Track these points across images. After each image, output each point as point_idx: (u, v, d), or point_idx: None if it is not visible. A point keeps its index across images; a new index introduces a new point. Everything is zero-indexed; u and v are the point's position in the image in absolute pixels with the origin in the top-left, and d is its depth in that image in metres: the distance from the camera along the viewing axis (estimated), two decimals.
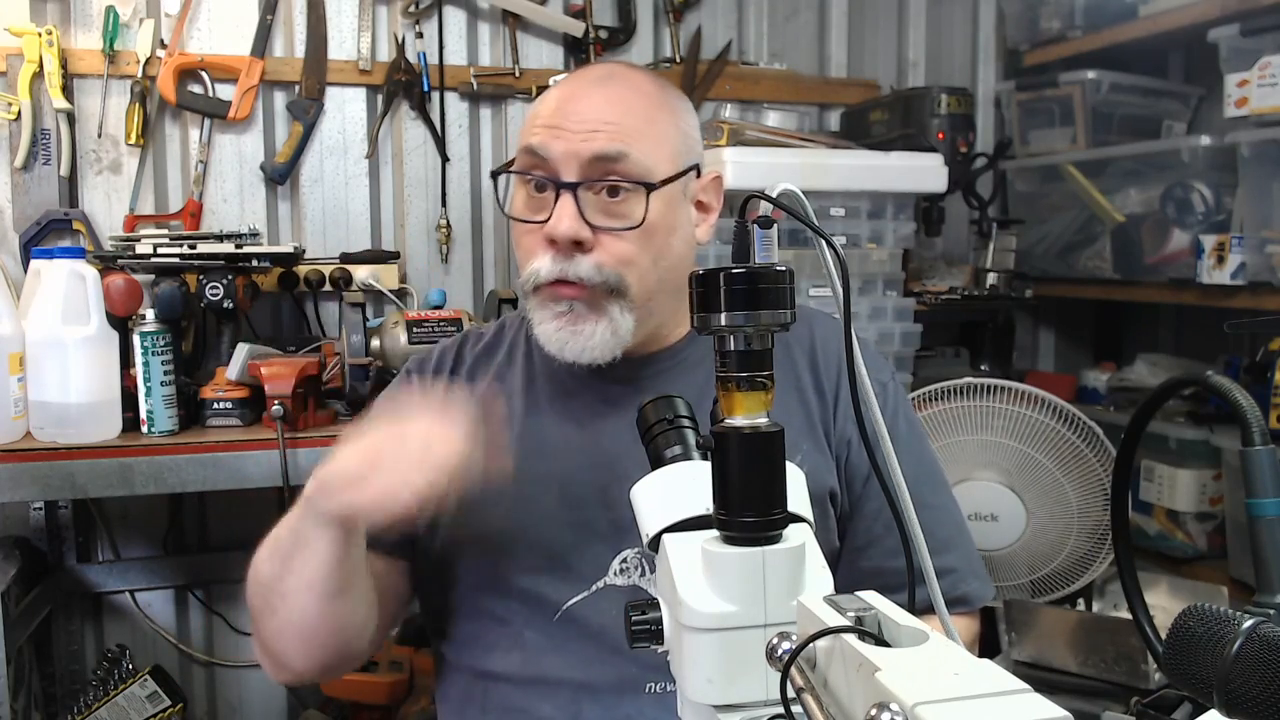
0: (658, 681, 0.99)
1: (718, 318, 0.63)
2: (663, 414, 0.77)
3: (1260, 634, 0.57)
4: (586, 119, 0.99)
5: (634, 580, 1.01)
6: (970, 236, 2.42)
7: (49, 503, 2.02)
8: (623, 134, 0.99)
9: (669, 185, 1.00)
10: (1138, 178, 2.17)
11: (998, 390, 1.80)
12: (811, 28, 2.48)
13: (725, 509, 0.63)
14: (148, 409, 1.64)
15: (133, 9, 2.02)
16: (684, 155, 1.04)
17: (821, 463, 1.05)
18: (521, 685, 1.02)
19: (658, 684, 0.99)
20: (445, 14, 2.20)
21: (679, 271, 1.02)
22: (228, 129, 2.10)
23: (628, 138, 0.98)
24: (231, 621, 2.20)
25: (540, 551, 1.03)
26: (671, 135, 1.03)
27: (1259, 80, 1.78)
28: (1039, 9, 2.38)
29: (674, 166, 1.02)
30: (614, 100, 1.01)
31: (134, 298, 1.72)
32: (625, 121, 0.99)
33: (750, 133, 2.03)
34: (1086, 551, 1.78)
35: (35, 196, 1.96)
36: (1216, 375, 0.94)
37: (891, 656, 0.49)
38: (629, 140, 0.98)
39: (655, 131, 1.01)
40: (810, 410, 1.08)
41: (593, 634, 1.00)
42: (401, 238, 2.22)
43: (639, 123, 1.00)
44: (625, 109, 1.01)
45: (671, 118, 1.04)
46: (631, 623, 0.67)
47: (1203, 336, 2.32)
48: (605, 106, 1.00)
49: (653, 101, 1.04)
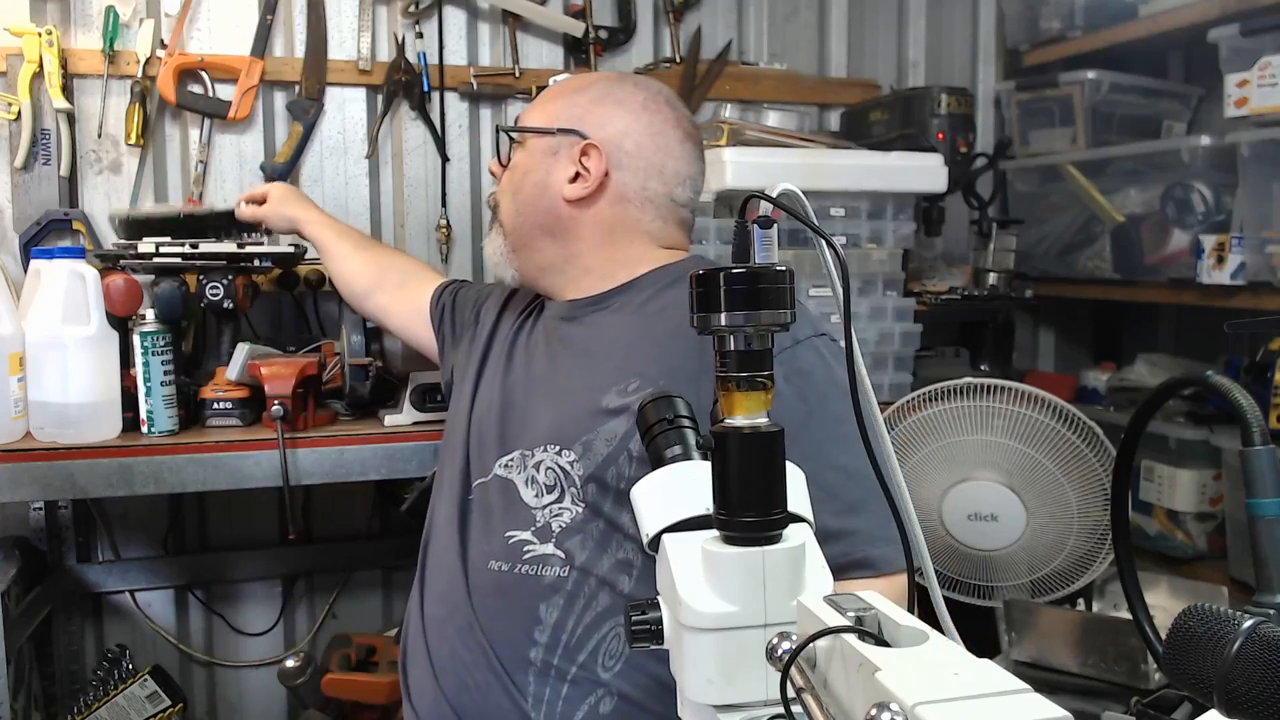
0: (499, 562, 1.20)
1: (718, 318, 0.63)
2: (663, 414, 0.77)
3: (1260, 634, 0.57)
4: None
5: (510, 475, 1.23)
6: (970, 236, 2.42)
7: (49, 503, 2.02)
8: (527, 110, 1.38)
9: (534, 138, 1.31)
10: (1138, 178, 2.17)
11: (998, 390, 1.80)
12: (811, 28, 2.48)
13: (725, 509, 0.63)
14: (148, 409, 1.64)
15: (133, 9, 2.02)
16: (556, 120, 1.30)
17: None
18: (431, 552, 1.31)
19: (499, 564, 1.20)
20: (445, 14, 2.20)
21: (534, 211, 1.30)
22: (228, 129, 2.10)
23: (526, 112, 1.38)
24: (231, 621, 2.20)
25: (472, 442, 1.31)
26: (557, 106, 1.31)
27: (1259, 80, 1.78)
28: (1039, 9, 2.38)
29: (539, 124, 1.31)
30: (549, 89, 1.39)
31: (134, 298, 1.72)
32: (536, 102, 1.37)
33: (750, 133, 2.03)
34: (1086, 551, 1.78)
35: (35, 196, 1.96)
36: (1216, 375, 0.95)
37: (891, 656, 0.49)
38: (526, 113, 1.38)
39: (545, 102, 1.34)
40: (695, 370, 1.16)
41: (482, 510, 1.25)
42: (401, 238, 2.22)
43: (543, 100, 1.35)
44: (546, 92, 1.37)
45: (570, 95, 1.32)
46: (632, 623, 0.67)
47: (1203, 336, 2.32)
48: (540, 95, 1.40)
49: (570, 86, 1.34)
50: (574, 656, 1.13)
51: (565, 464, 1.18)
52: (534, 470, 1.20)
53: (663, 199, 1.29)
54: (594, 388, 1.19)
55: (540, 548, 1.18)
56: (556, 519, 1.17)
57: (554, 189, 1.28)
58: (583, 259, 1.30)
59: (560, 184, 1.28)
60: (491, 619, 1.17)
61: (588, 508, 1.16)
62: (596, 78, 1.36)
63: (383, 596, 2.30)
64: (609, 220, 1.28)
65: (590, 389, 1.20)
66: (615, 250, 1.29)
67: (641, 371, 1.17)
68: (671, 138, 1.29)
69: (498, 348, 1.39)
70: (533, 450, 1.21)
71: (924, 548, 0.74)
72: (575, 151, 1.27)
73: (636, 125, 1.28)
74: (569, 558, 1.15)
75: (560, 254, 1.31)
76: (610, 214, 1.28)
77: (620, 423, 1.16)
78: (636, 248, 1.29)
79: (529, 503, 1.20)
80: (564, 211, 1.28)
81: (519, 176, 1.32)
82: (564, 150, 1.28)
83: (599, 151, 1.26)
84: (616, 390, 1.18)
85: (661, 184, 1.28)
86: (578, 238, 1.29)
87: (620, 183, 1.27)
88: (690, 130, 1.33)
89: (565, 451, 1.18)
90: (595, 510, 1.16)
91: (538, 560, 1.17)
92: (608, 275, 1.29)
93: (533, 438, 1.22)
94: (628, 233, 1.29)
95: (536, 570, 1.17)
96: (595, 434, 1.17)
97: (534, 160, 1.30)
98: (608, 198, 1.27)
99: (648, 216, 1.29)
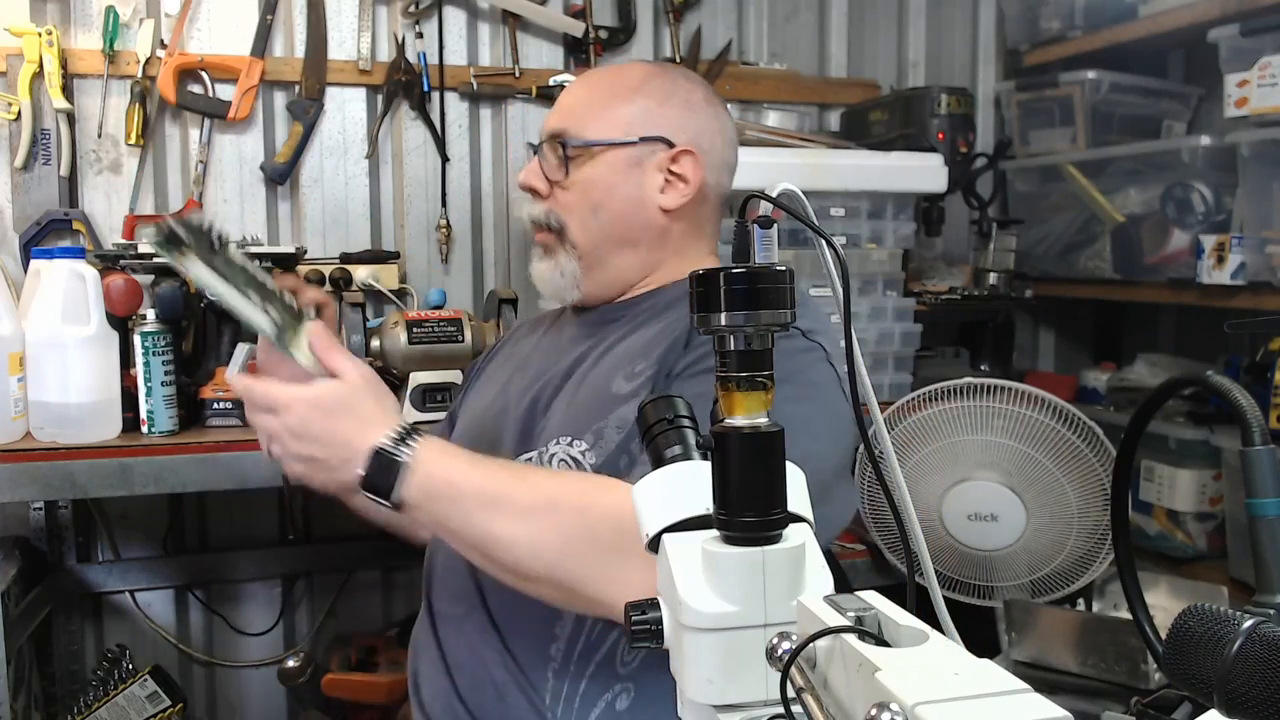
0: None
1: (718, 317, 0.63)
2: (663, 414, 0.77)
3: (1260, 634, 0.57)
4: (561, 103, 1.26)
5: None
6: (970, 236, 2.42)
7: (49, 503, 2.02)
8: (570, 113, 1.24)
9: (609, 150, 1.22)
10: (1138, 178, 2.17)
11: (998, 390, 1.80)
12: (811, 28, 2.48)
13: (725, 509, 0.63)
14: (148, 409, 1.64)
15: (133, 9, 2.02)
16: (636, 128, 1.22)
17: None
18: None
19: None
20: (445, 14, 2.20)
21: (626, 227, 1.23)
22: (228, 129, 2.10)
23: (572, 116, 1.23)
24: (231, 621, 2.20)
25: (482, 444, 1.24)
26: (623, 112, 1.23)
27: (1259, 80, 1.78)
28: (1039, 9, 2.38)
29: (611, 137, 1.22)
30: (577, 89, 1.28)
31: (134, 298, 1.72)
32: (575, 104, 1.25)
33: (750, 133, 2.03)
34: (1086, 551, 1.78)
35: (35, 196, 1.96)
36: (1216, 375, 0.95)
37: (891, 656, 0.49)
38: (572, 118, 1.23)
39: (597, 111, 1.23)
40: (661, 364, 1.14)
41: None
42: (401, 238, 2.22)
43: (583, 105, 1.24)
44: (583, 94, 1.26)
45: (629, 96, 1.24)
46: (631, 623, 0.67)
47: (1203, 336, 2.32)
48: (570, 94, 1.27)
49: (616, 84, 1.26)
50: (593, 653, 1.11)
51: (576, 454, 1.14)
52: (548, 464, 1.17)
53: (725, 194, 1.30)
54: (604, 374, 1.18)
55: None
56: None
57: (650, 201, 1.23)
58: (666, 265, 1.26)
59: (654, 195, 1.22)
60: (511, 616, 1.15)
61: None
62: (643, 74, 1.28)
63: (383, 596, 2.30)
64: (693, 224, 1.26)
65: (601, 375, 1.18)
66: (690, 253, 1.26)
67: (648, 354, 1.15)
68: (730, 129, 1.29)
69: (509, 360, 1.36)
70: (547, 445, 1.18)
71: (924, 547, 0.74)
72: (663, 159, 1.22)
73: (708, 123, 1.25)
74: None
75: (644, 264, 1.25)
76: (697, 216, 1.26)
77: (631, 409, 1.12)
78: (703, 248, 1.28)
79: None
80: (660, 222, 1.24)
81: (600, 193, 1.22)
82: (648, 159, 1.23)
83: (693, 157, 1.22)
84: (624, 374, 1.15)
85: (728, 178, 1.29)
86: (665, 246, 1.25)
87: (707, 184, 1.24)
88: (730, 117, 1.32)
89: (576, 442, 1.15)
90: None
91: None
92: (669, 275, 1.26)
93: (548, 433, 1.19)
94: (699, 234, 1.27)
95: None
96: (606, 421, 1.14)
97: (618, 174, 1.23)
98: (695, 201, 1.24)
99: (716, 215, 1.29)
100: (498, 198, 2.28)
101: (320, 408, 1.04)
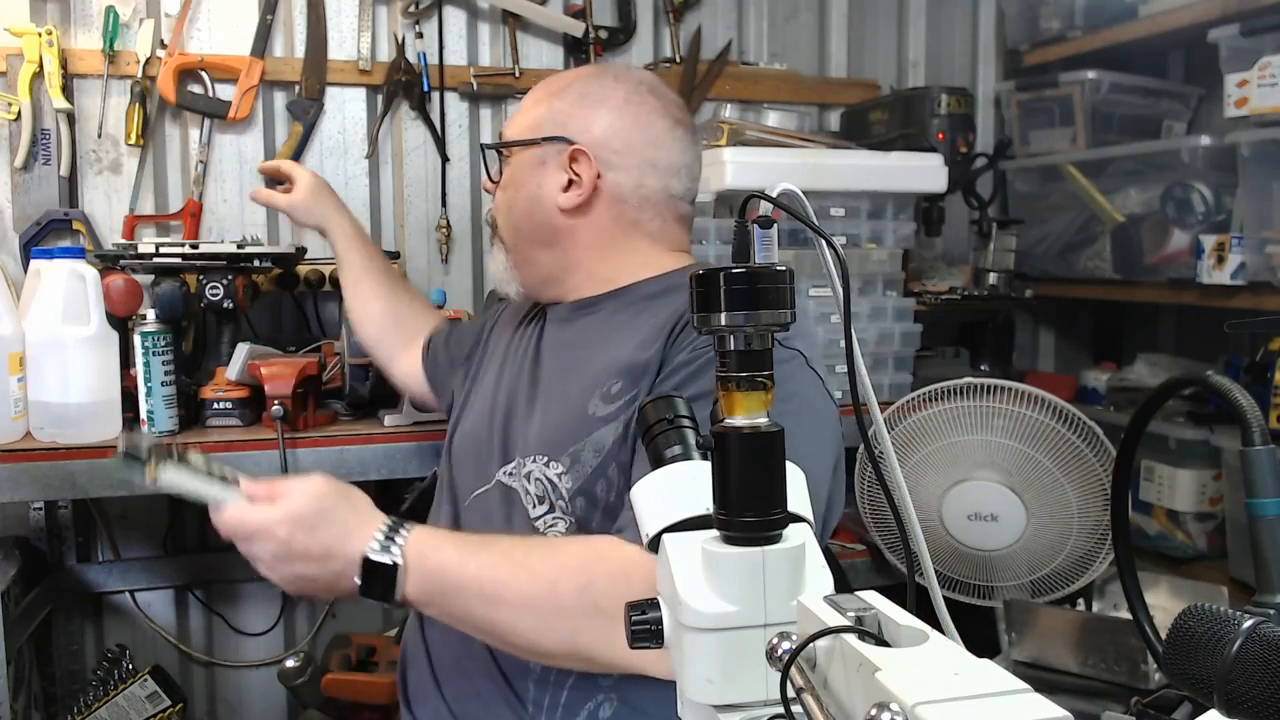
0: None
1: (718, 317, 0.63)
2: (663, 414, 0.77)
3: (1260, 634, 0.57)
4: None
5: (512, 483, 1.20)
6: (970, 236, 2.42)
7: (49, 503, 2.02)
8: (512, 120, 1.29)
9: (518, 150, 1.26)
10: (1138, 178, 2.17)
11: (998, 390, 1.80)
12: (811, 28, 2.48)
13: (725, 509, 0.63)
14: (148, 409, 1.64)
15: (133, 9, 2.02)
16: (537, 128, 1.25)
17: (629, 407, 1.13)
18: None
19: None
20: (445, 14, 2.20)
21: (532, 225, 1.26)
22: (228, 129, 2.10)
23: (511, 122, 1.29)
24: (231, 621, 2.20)
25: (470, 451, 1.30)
26: (538, 114, 1.26)
27: (1259, 80, 1.78)
28: (1039, 9, 2.38)
29: (520, 135, 1.26)
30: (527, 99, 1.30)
31: (134, 298, 1.72)
32: (518, 112, 1.29)
33: (750, 133, 2.03)
34: (1086, 551, 1.78)
35: (35, 196, 1.96)
36: (1216, 375, 0.95)
37: (891, 656, 0.49)
38: (510, 123, 1.30)
39: (527, 114, 1.27)
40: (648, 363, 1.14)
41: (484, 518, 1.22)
42: (401, 238, 2.22)
43: (522, 106, 1.29)
44: (526, 97, 1.30)
45: (547, 99, 1.26)
46: (632, 623, 0.67)
47: (1203, 336, 2.32)
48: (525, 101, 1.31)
49: (547, 88, 1.28)
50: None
51: (553, 476, 1.15)
52: (525, 480, 1.18)
53: (660, 194, 1.24)
54: (579, 392, 1.17)
55: None
56: (551, 529, 1.15)
57: (547, 200, 1.23)
58: (584, 266, 1.25)
59: (553, 194, 1.23)
60: None
61: (576, 523, 1.13)
62: (573, 76, 1.30)
63: None
64: (608, 224, 1.23)
65: (577, 394, 1.17)
66: (616, 254, 1.24)
67: (623, 372, 1.14)
68: (659, 127, 1.24)
69: (495, 358, 1.38)
70: (524, 460, 1.19)
71: (924, 547, 0.74)
72: (564, 158, 1.22)
73: (622, 121, 1.23)
74: None
75: (560, 264, 1.26)
76: (608, 217, 1.23)
77: (608, 432, 1.12)
78: (639, 251, 1.25)
79: (528, 511, 1.17)
80: (561, 222, 1.23)
81: (511, 192, 1.27)
82: (552, 159, 1.23)
83: (587, 155, 1.21)
84: (600, 394, 1.14)
85: (656, 179, 1.23)
86: (576, 246, 1.24)
87: (614, 184, 1.22)
88: (679, 116, 1.27)
89: (553, 463, 1.15)
90: (583, 526, 1.12)
91: None
92: (608, 279, 1.25)
93: (525, 445, 1.20)
94: (627, 235, 1.24)
95: None
96: (583, 444, 1.13)
97: (523, 173, 1.26)
98: (604, 201, 1.22)
99: (646, 216, 1.24)
100: None
101: (299, 523, 1.04)
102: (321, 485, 1.07)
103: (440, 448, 1.44)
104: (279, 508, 1.04)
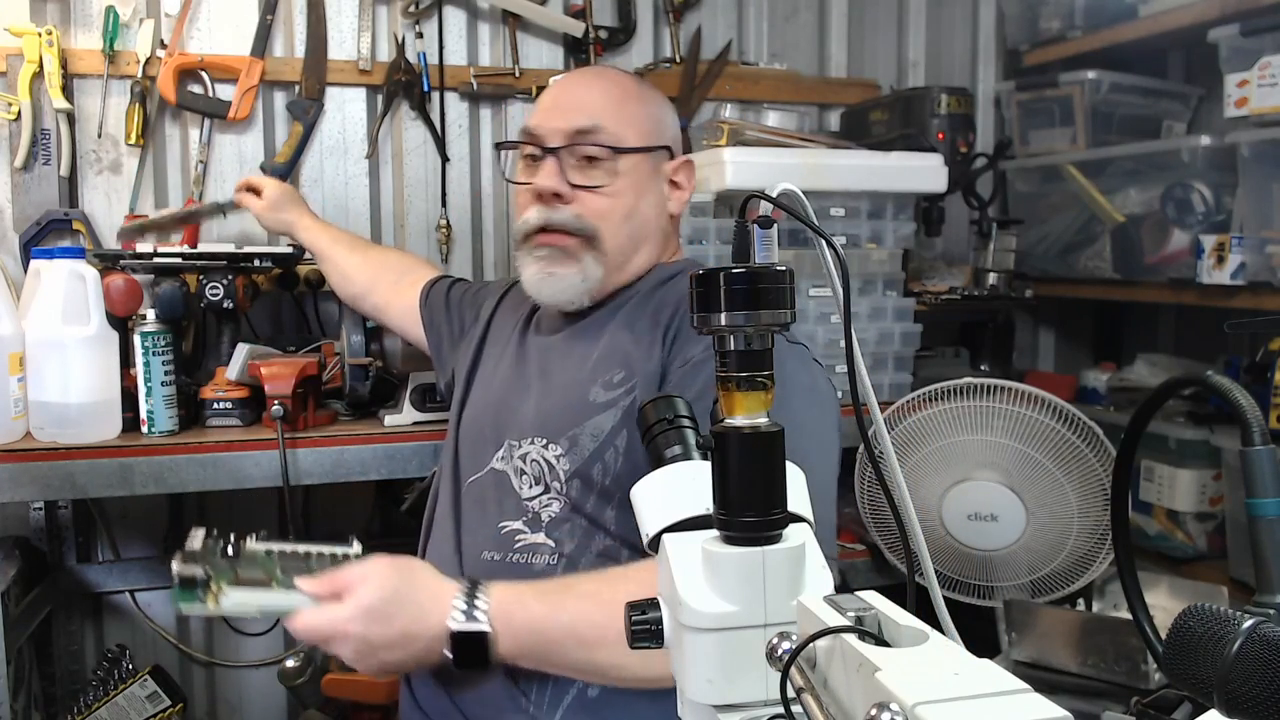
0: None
1: (718, 317, 0.63)
2: (663, 414, 0.77)
3: (1260, 634, 0.57)
4: (571, 103, 1.25)
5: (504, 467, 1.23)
6: (970, 236, 2.42)
7: (49, 503, 2.02)
8: (598, 112, 1.23)
9: (638, 156, 1.23)
10: (1138, 178, 2.17)
11: (998, 390, 1.80)
12: (811, 28, 2.48)
13: (725, 509, 0.63)
14: (148, 409, 1.64)
15: (133, 9, 2.02)
16: (654, 136, 1.26)
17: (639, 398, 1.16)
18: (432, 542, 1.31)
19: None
20: (445, 14, 2.20)
21: (646, 233, 1.26)
22: (228, 129, 2.10)
23: (601, 115, 1.22)
24: (231, 622, 2.20)
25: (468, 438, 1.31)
26: (641, 118, 1.25)
27: (1259, 80, 1.78)
28: (1039, 9, 2.38)
29: (642, 142, 1.24)
30: (593, 88, 1.27)
31: (134, 298, 1.72)
32: (600, 103, 1.24)
33: (750, 133, 2.03)
34: (1086, 551, 1.78)
35: (35, 196, 1.96)
36: (1216, 375, 0.94)
37: (891, 656, 0.49)
38: (602, 117, 1.22)
39: (626, 113, 1.24)
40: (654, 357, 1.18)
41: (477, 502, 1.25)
42: (401, 238, 2.22)
43: (612, 105, 1.24)
44: (602, 94, 1.25)
45: (641, 105, 1.27)
46: (632, 623, 0.67)
47: (1203, 336, 2.32)
48: (586, 93, 1.26)
49: (627, 91, 1.27)
50: None
51: (551, 458, 1.18)
52: (520, 462, 1.22)
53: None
54: (581, 380, 1.21)
55: (531, 537, 1.19)
56: (546, 509, 1.19)
57: (665, 208, 1.30)
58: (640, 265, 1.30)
59: (667, 201, 1.30)
60: None
61: (570, 504, 1.17)
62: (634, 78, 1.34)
63: None
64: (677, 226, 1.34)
65: (578, 382, 1.21)
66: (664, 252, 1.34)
67: (626, 362, 1.19)
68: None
69: (495, 346, 1.39)
70: (519, 441, 1.22)
71: (924, 547, 0.74)
72: (669, 166, 1.29)
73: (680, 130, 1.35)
74: (558, 546, 1.17)
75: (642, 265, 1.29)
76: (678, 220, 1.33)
77: (607, 417, 1.16)
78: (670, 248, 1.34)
79: (521, 493, 1.21)
80: (667, 229, 1.31)
81: (630, 200, 1.24)
82: (658, 166, 1.28)
83: (690, 165, 1.30)
84: (602, 382, 1.19)
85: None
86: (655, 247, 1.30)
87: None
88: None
89: (551, 445, 1.19)
90: (577, 508, 1.17)
91: (528, 549, 1.19)
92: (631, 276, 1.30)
93: (520, 429, 1.23)
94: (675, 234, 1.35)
95: (527, 559, 1.18)
96: (581, 428, 1.17)
97: (643, 181, 1.26)
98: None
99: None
100: (498, 198, 2.28)
101: (372, 616, 1.03)
102: (384, 570, 1.06)
103: (440, 447, 1.45)
104: (347, 606, 1.04)
